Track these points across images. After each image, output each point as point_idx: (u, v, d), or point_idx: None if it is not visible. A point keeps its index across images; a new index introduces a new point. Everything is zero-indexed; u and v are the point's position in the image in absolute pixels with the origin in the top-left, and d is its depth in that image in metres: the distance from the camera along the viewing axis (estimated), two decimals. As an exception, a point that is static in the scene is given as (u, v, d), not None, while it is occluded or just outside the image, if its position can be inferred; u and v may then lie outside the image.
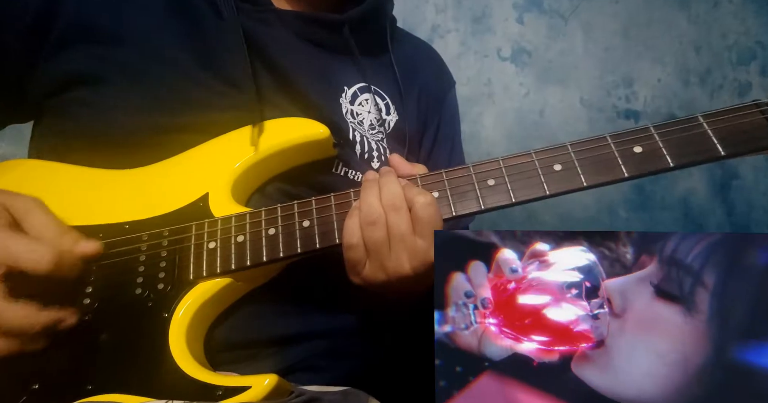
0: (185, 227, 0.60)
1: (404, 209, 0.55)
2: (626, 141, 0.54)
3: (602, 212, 1.51)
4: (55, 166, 0.66)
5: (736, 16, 1.60)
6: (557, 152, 0.56)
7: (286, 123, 0.65)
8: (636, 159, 0.53)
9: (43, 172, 0.66)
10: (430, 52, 0.91)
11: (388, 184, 0.57)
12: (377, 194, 0.57)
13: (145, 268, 0.59)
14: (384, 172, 0.60)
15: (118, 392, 0.52)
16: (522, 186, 0.56)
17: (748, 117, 0.51)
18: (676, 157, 0.52)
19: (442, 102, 0.86)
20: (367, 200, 0.56)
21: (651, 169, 0.53)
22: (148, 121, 0.64)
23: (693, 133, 0.53)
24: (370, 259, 0.57)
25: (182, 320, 0.56)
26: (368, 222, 0.55)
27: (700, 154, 0.52)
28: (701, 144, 0.52)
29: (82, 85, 0.64)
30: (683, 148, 0.52)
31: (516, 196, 0.56)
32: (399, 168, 0.63)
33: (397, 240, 0.55)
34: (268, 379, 0.51)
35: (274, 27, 0.70)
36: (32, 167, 0.67)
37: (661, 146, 0.53)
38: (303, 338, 0.64)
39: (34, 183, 0.64)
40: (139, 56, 0.65)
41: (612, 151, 0.54)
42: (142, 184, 0.64)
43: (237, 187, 0.63)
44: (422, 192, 0.56)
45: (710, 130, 0.52)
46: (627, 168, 0.53)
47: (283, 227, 0.59)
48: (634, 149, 0.54)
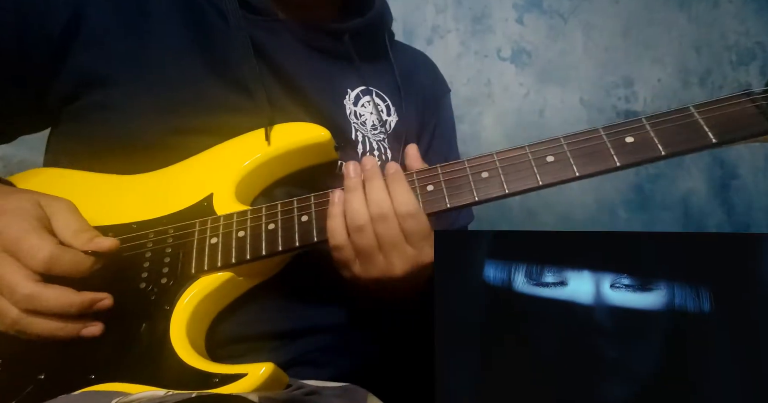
0: (189, 225, 0.63)
1: (392, 217, 0.56)
2: (618, 132, 0.55)
3: (602, 212, 1.51)
4: (70, 173, 0.70)
5: (736, 16, 1.60)
6: (550, 145, 0.57)
7: (288, 127, 0.68)
8: (628, 148, 0.54)
9: (58, 180, 0.70)
10: (426, 60, 0.95)
11: (374, 190, 0.58)
12: (363, 199, 0.57)
13: (150, 263, 0.61)
14: (370, 175, 0.60)
15: (120, 381, 0.54)
16: (515, 178, 0.57)
17: (738, 105, 0.52)
18: (667, 145, 0.53)
19: (437, 109, 0.89)
20: (352, 205, 0.57)
21: (643, 158, 0.53)
22: (162, 122, 0.66)
23: (684, 122, 0.53)
24: (360, 260, 0.58)
25: (184, 313, 0.58)
26: (355, 228, 0.56)
27: (692, 142, 0.52)
28: (693, 132, 0.52)
29: (98, 88, 0.67)
30: (675, 136, 0.53)
31: (509, 187, 0.57)
32: (412, 160, 0.64)
33: (389, 247, 0.56)
34: (264, 367, 0.52)
35: (281, 36, 0.73)
36: (49, 175, 0.71)
37: (652, 136, 0.53)
38: (304, 333, 0.66)
39: (50, 190, 0.67)
40: (153, 60, 0.68)
41: (604, 142, 0.55)
42: (151, 187, 0.67)
43: (241, 188, 0.66)
44: (406, 201, 0.57)
45: (701, 119, 0.52)
46: (619, 157, 0.54)
47: (282, 221, 0.60)
48: (626, 139, 0.54)
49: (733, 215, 1.57)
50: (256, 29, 0.71)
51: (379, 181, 0.59)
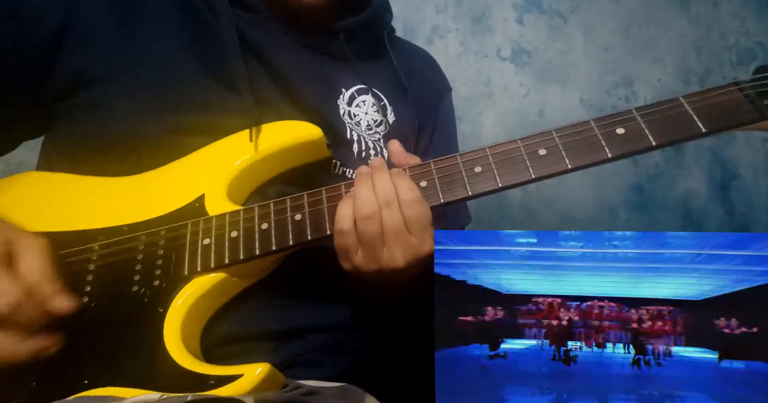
0: (181, 226, 0.62)
1: (396, 205, 0.57)
2: (609, 123, 0.55)
3: (602, 212, 1.51)
4: (59, 177, 0.69)
5: (736, 16, 1.60)
6: (542, 137, 0.57)
7: (279, 126, 0.67)
8: (619, 140, 0.54)
9: (47, 183, 0.68)
10: (427, 58, 0.94)
11: (380, 179, 0.58)
12: (372, 188, 0.58)
13: (142, 266, 0.60)
14: (376, 166, 0.60)
15: (113, 386, 0.53)
16: (508, 171, 0.57)
17: (727, 95, 0.52)
18: (658, 136, 0.53)
19: (437, 108, 0.88)
20: (362, 195, 0.57)
21: (634, 149, 0.53)
22: (154, 121, 0.66)
23: (674, 112, 0.53)
24: (362, 249, 0.58)
25: (177, 315, 0.57)
26: (364, 216, 0.56)
27: (682, 131, 0.53)
28: (682, 122, 0.53)
29: (90, 86, 0.66)
30: (665, 127, 0.53)
31: (502, 181, 0.57)
32: (397, 156, 0.64)
33: (391, 235, 0.56)
34: (260, 368, 0.51)
35: (274, 34, 0.72)
36: (38, 179, 0.70)
37: (643, 127, 0.53)
38: (301, 334, 0.65)
39: (39, 194, 0.67)
40: (146, 59, 0.67)
41: (595, 134, 0.55)
42: (142, 189, 0.66)
43: (232, 188, 0.65)
44: (410, 189, 0.57)
45: (691, 109, 0.52)
46: (610, 149, 0.54)
47: (276, 221, 0.60)
48: (617, 131, 0.54)
49: (733, 214, 1.56)
50: (250, 27, 0.70)
51: (385, 173, 0.59)
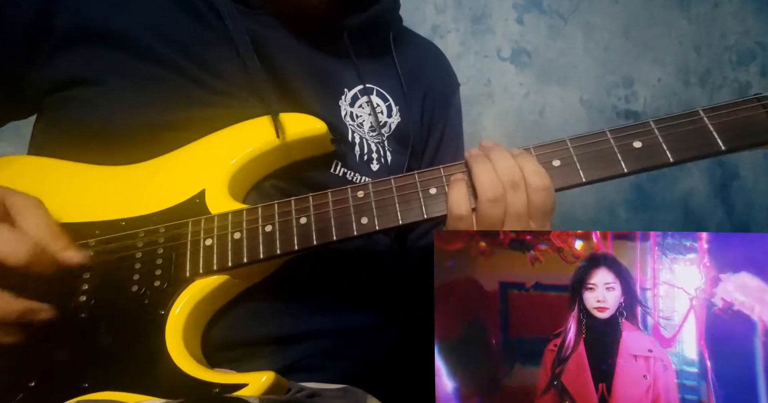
0: (181, 224, 0.60)
1: (522, 187, 0.54)
2: (626, 136, 0.54)
3: (602, 212, 1.51)
4: (52, 163, 0.66)
5: (736, 16, 1.60)
6: (556, 148, 0.56)
7: (283, 119, 0.65)
8: (635, 154, 0.52)
9: (39, 169, 0.65)
10: (437, 54, 0.91)
11: (501, 158, 0.55)
12: (492, 169, 0.55)
13: (142, 265, 0.58)
14: (490, 146, 0.57)
15: (114, 390, 0.51)
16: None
17: (749, 111, 0.50)
18: (676, 152, 0.51)
19: (449, 105, 0.86)
20: (486, 175, 0.54)
21: (651, 165, 0.52)
22: (145, 117, 0.64)
23: (693, 127, 0.52)
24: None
25: (179, 318, 0.55)
26: (490, 198, 0.53)
27: (701, 148, 0.51)
28: (702, 139, 0.51)
29: (82, 86, 0.65)
30: (683, 142, 0.51)
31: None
32: None
33: (513, 218, 0.54)
34: (265, 376, 0.50)
35: (276, 31, 0.70)
36: (28, 163, 0.66)
37: (661, 141, 0.52)
38: (302, 338, 0.64)
39: (30, 179, 0.64)
40: (138, 56, 0.65)
41: (611, 146, 0.53)
42: (140, 180, 0.64)
43: (234, 183, 0.63)
44: (538, 172, 0.54)
45: (710, 124, 0.51)
46: (626, 164, 0.52)
47: (280, 223, 0.58)
48: (634, 144, 0.53)
49: (733, 215, 1.57)
50: (249, 22, 0.68)
51: (505, 152, 0.56)
